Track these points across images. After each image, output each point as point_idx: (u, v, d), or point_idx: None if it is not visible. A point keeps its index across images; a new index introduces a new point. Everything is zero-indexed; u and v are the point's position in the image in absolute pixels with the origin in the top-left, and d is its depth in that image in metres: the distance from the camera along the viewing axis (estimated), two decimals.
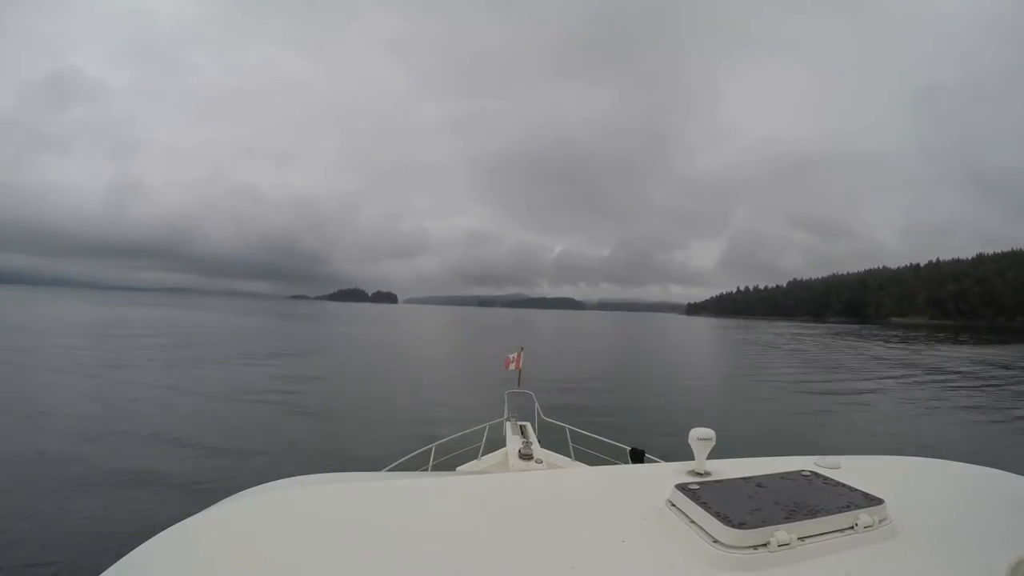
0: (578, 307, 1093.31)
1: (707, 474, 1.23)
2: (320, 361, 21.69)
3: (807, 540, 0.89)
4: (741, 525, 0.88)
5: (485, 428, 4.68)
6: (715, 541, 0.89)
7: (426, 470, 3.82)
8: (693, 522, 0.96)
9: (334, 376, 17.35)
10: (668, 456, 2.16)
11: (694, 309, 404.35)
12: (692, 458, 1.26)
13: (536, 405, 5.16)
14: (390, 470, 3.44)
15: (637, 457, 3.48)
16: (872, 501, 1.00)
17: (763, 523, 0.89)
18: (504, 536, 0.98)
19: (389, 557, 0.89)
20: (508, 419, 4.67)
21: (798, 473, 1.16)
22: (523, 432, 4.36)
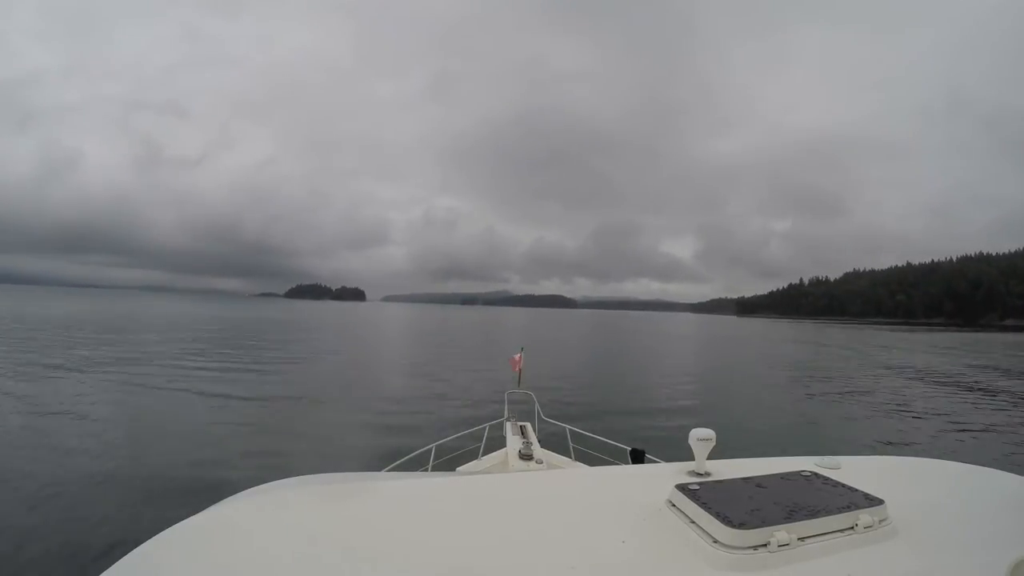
0: (569, 305, 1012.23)
1: (707, 474, 1.25)
2: None
3: (807, 540, 0.90)
4: (741, 525, 0.89)
5: (485, 428, 4.68)
6: (715, 541, 0.89)
7: (426, 470, 3.82)
8: (693, 522, 0.97)
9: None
10: (668, 456, 2.18)
11: (746, 308, 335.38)
12: (692, 458, 1.27)
13: (536, 405, 5.18)
14: (390, 470, 3.45)
15: (637, 457, 3.52)
16: (872, 501, 1.01)
17: (763, 523, 0.90)
18: (504, 536, 0.99)
19: (389, 557, 0.90)
20: (508, 419, 4.68)
21: (798, 473, 1.18)
22: (523, 432, 4.37)
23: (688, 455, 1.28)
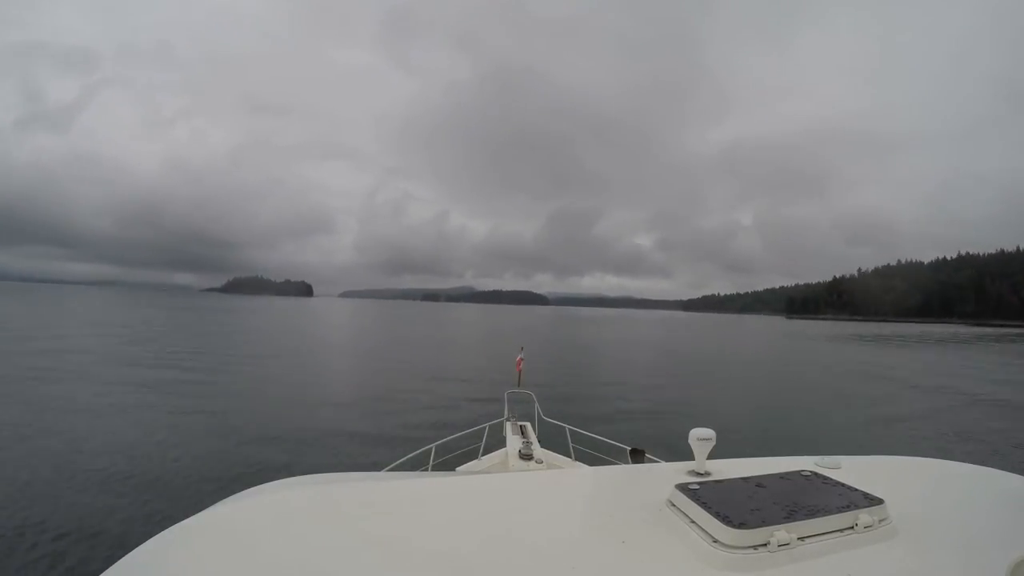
0: (540, 302, 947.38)
1: (707, 474, 1.26)
2: None
3: (807, 540, 0.90)
4: (741, 525, 0.89)
5: (485, 428, 4.71)
6: (715, 541, 0.90)
7: (426, 470, 3.84)
8: (693, 522, 0.97)
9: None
10: (668, 456, 2.20)
11: (795, 307, 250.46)
12: (692, 458, 1.28)
13: (536, 405, 5.21)
14: (390, 470, 3.46)
15: (637, 457, 3.51)
16: (872, 501, 1.01)
17: (763, 523, 0.90)
18: (504, 536, 0.99)
19: (389, 557, 0.90)
20: (508, 419, 4.71)
21: (798, 473, 1.19)
22: (523, 432, 4.40)
23: (688, 455, 1.30)
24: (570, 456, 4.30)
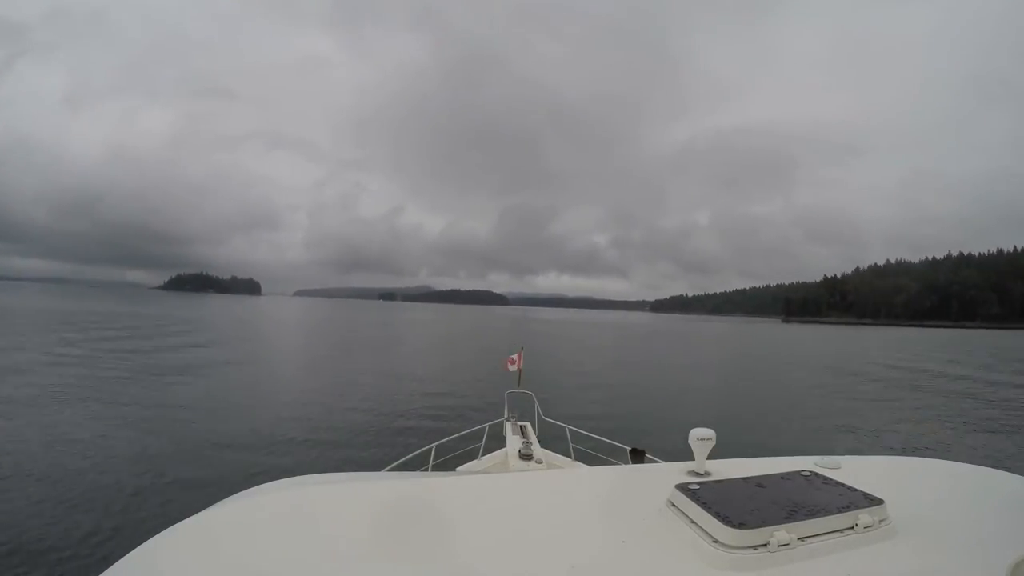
0: (500, 302, 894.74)
1: (707, 474, 1.26)
2: None
3: (807, 540, 0.90)
4: (741, 525, 0.89)
5: (485, 428, 4.71)
6: (715, 541, 0.90)
7: (426, 470, 3.82)
8: (693, 522, 0.97)
9: None
10: (668, 456, 2.19)
11: (793, 309, 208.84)
12: (692, 458, 1.29)
13: (536, 405, 5.22)
14: (390, 470, 3.46)
15: (637, 457, 3.52)
16: (872, 501, 1.01)
17: (763, 523, 0.90)
18: (504, 536, 0.99)
19: (389, 557, 0.91)
20: (508, 419, 4.72)
21: (798, 473, 1.19)
22: (523, 432, 4.41)
23: (688, 455, 1.30)
24: (570, 456, 4.32)
